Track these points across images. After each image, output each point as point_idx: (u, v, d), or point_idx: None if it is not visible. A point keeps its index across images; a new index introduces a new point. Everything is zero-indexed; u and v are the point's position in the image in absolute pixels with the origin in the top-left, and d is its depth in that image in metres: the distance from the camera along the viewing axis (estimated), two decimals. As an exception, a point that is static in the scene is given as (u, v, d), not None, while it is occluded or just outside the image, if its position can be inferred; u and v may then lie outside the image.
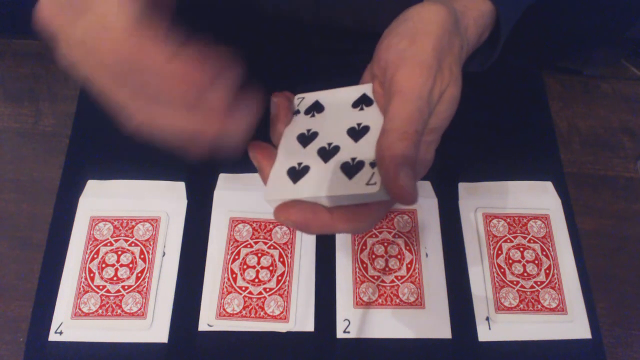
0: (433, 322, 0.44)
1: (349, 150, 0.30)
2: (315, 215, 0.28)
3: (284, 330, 0.43)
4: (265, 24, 0.57)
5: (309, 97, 0.34)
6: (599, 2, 0.56)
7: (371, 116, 0.31)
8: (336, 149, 0.30)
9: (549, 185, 0.50)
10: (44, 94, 0.53)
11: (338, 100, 0.33)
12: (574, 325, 0.44)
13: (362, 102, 0.32)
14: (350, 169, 0.29)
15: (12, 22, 0.59)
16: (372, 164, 0.28)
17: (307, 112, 0.33)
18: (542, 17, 0.43)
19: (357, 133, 0.31)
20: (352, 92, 0.33)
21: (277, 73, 0.55)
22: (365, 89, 0.33)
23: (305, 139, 0.32)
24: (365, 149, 0.29)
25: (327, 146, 0.31)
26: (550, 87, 0.57)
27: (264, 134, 0.34)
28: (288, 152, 0.32)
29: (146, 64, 0.25)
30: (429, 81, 0.28)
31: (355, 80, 0.35)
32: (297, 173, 0.30)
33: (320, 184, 0.29)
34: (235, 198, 0.48)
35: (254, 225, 0.47)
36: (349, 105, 0.32)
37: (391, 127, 0.27)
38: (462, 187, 0.50)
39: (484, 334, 0.44)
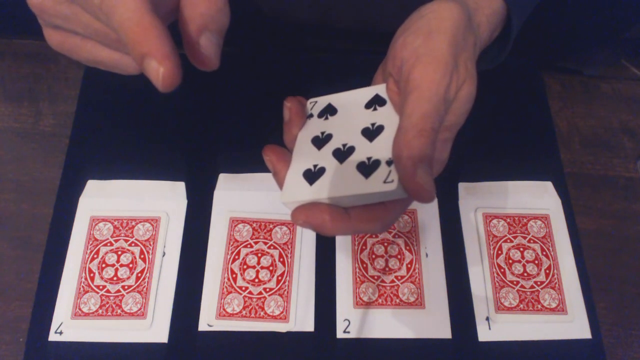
0: (433, 322, 0.44)
1: (365, 150, 0.30)
2: (333, 216, 0.28)
3: (284, 330, 0.43)
4: (265, 24, 0.57)
5: (322, 101, 0.34)
6: (599, 2, 0.56)
7: (385, 116, 0.31)
8: (351, 150, 0.30)
9: (549, 185, 0.50)
10: (44, 94, 0.53)
11: (351, 102, 0.33)
12: (574, 325, 0.44)
13: (375, 102, 0.32)
14: (367, 168, 0.29)
15: (12, 22, 0.59)
16: (389, 162, 0.28)
17: (320, 115, 0.33)
18: (542, 17, 0.43)
19: (371, 133, 0.30)
20: (365, 93, 0.33)
21: (277, 74, 0.56)
22: (378, 89, 0.32)
23: (320, 141, 0.32)
24: (380, 148, 0.29)
25: (342, 147, 0.31)
26: (550, 87, 0.57)
27: (278, 138, 0.34)
28: (303, 155, 0.32)
29: None
30: (446, 78, 0.28)
31: (356, 80, 0.35)
32: (313, 175, 0.30)
33: (337, 184, 0.29)
34: (235, 198, 0.48)
35: (254, 225, 0.47)
36: (362, 106, 0.32)
37: (408, 125, 0.27)
38: (462, 187, 0.50)
39: (484, 334, 0.44)
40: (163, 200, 0.47)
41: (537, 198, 0.50)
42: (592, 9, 0.57)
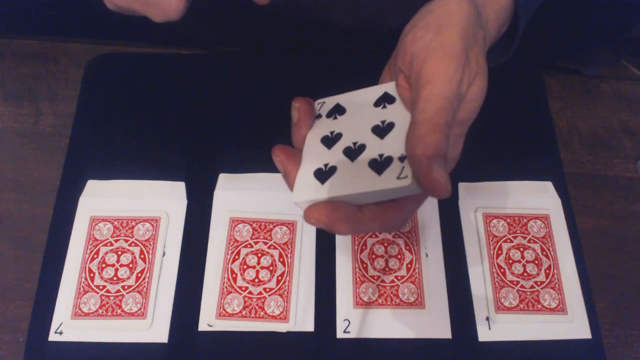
0: (433, 322, 0.44)
1: (376, 147, 0.29)
2: (347, 215, 0.28)
3: (284, 330, 0.43)
4: (266, 24, 0.57)
5: (329, 101, 0.34)
6: (599, 2, 0.56)
7: (395, 113, 0.31)
8: (362, 148, 0.30)
9: (549, 185, 0.50)
10: (44, 94, 0.53)
11: (359, 100, 0.33)
12: (574, 325, 0.44)
13: (384, 100, 0.32)
14: (379, 165, 0.28)
15: (12, 22, 0.59)
16: (401, 158, 0.28)
17: (328, 115, 0.33)
18: (542, 17, 0.43)
19: (382, 130, 0.30)
20: (373, 92, 0.33)
21: (278, 74, 0.56)
22: (387, 87, 0.32)
23: (330, 140, 0.31)
24: (392, 145, 0.29)
25: (352, 145, 0.30)
26: (550, 87, 0.57)
27: (279, 138, 0.33)
28: (313, 155, 0.31)
29: None
30: (458, 71, 0.28)
31: (357, 80, 0.35)
32: (324, 174, 0.30)
33: (349, 182, 0.29)
34: (235, 198, 0.48)
35: (254, 225, 0.47)
36: (370, 104, 0.32)
37: (422, 119, 0.27)
38: (462, 187, 0.50)
39: (484, 334, 0.44)
40: (163, 200, 0.47)
41: (537, 198, 0.50)
42: (592, 9, 0.57)
